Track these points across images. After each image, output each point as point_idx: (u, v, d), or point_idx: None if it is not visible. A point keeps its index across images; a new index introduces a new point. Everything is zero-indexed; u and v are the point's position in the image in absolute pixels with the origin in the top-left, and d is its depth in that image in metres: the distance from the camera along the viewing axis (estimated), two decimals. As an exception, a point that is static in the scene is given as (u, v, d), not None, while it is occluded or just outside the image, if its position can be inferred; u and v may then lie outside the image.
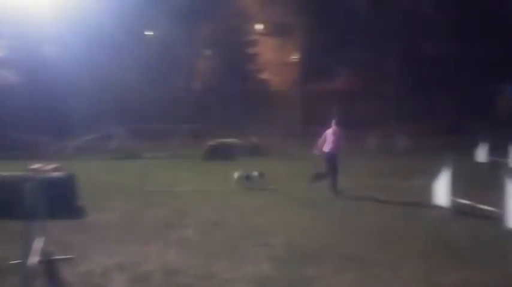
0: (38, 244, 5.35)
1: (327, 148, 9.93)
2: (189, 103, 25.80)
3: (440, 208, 8.08)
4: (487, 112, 23.44)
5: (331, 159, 9.86)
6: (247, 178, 10.50)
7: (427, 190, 8.70)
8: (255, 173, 10.54)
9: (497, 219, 6.96)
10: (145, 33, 29.33)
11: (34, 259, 5.07)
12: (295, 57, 30.98)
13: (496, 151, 13.38)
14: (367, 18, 25.76)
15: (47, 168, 10.01)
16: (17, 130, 17.43)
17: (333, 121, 10.18)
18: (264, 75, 30.62)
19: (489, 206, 7.42)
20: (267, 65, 30.52)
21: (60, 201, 7.60)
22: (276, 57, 32.02)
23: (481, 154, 14.37)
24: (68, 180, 8.45)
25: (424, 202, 8.55)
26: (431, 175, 8.63)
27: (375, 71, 29.47)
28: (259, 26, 32.86)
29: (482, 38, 24.93)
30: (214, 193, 10.01)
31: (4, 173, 8.30)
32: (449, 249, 6.14)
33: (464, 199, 8.02)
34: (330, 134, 10.00)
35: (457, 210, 7.91)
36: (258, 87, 29.25)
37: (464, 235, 6.77)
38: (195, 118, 22.36)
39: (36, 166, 10.23)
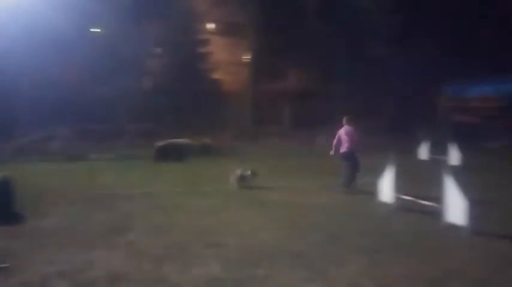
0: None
1: (343, 148, 9.83)
2: (139, 103, 25.17)
3: (385, 204, 8.38)
4: (429, 111, 24.62)
5: (350, 158, 9.73)
6: (242, 177, 10.36)
7: (373, 188, 9.00)
8: (248, 173, 10.38)
9: (437, 214, 7.31)
10: (93, 30, 28.30)
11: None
12: (246, 57, 31.06)
13: (437, 148, 14.07)
14: (315, 19, 26.32)
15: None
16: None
17: (344, 120, 10.05)
18: (216, 75, 30.45)
19: (430, 201, 7.78)
20: (219, 65, 30.37)
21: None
22: (227, 57, 31.95)
23: (423, 151, 15.07)
24: (4, 184, 7.97)
25: (370, 199, 8.84)
26: (377, 172, 8.92)
27: (324, 71, 30.19)
28: (210, 26, 32.66)
29: (425, 40, 26.21)
30: (164, 195, 9.81)
31: None
32: (393, 244, 6.37)
33: (407, 195, 8.37)
34: (343, 134, 9.88)
35: (400, 206, 8.24)
36: (210, 87, 29.04)
37: (407, 229, 7.07)
38: (145, 118, 21.85)
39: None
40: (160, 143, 15.93)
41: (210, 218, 7.86)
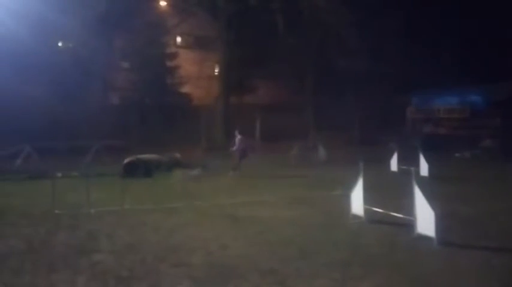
0: None
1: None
2: (106, 118, 24.63)
3: (357, 217, 8.38)
4: (398, 123, 25.14)
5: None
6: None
7: (344, 200, 9.00)
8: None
9: (408, 225, 7.35)
10: (58, 44, 27.69)
11: None
12: (216, 70, 31.05)
13: (407, 160, 14.29)
14: (285, 32, 26.63)
15: None
16: None
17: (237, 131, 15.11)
18: (185, 89, 30.27)
19: (401, 213, 7.82)
20: (188, 79, 30.22)
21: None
22: (197, 71, 31.88)
23: (393, 163, 15.28)
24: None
25: (341, 211, 8.82)
26: (348, 184, 8.94)
27: (294, 84, 30.56)
28: (178, 39, 32.57)
29: (393, 51, 26.96)
30: (131, 212, 9.51)
31: None
32: (364, 257, 6.35)
33: (377, 207, 8.40)
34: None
35: (371, 219, 8.25)
36: (179, 101, 28.81)
37: (378, 242, 7.07)
38: (113, 134, 21.35)
39: None
40: (128, 159, 15.52)
41: (177, 235, 7.64)
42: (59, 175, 14.19)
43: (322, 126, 25.66)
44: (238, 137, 15.42)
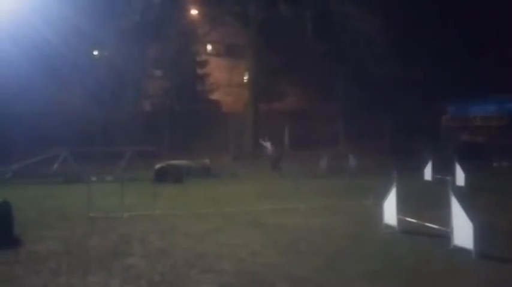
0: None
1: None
2: (138, 124, 25.18)
3: (389, 227, 8.21)
4: (432, 131, 24.55)
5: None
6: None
7: (376, 210, 8.84)
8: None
9: (443, 237, 7.14)
10: (94, 53, 28.56)
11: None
12: (245, 77, 31.26)
13: (442, 169, 13.91)
14: (315, 40, 26.55)
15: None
16: None
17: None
18: (215, 96, 30.60)
19: (436, 224, 7.60)
20: (218, 86, 30.56)
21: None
22: (226, 78, 32.21)
23: (427, 172, 14.89)
24: (3, 207, 7.83)
25: (373, 221, 8.66)
26: (380, 194, 8.78)
27: (323, 91, 30.34)
28: (209, 47, 33.02)
29: (426, 59, 26.39)
30: (162, 217, 9.65)
31: None
32: (398, 268, 6.21)
33: (411, 217, 8.20)
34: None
35: (405, 229, 8.06)
36: (209, 107, 29.15)
37: (411, 254, 6.89)
38: (145, 140, 21.80)
39: (-34, 192, 9.43)
40: (159, 165, 15.80)
41: (207, 241, 7.69)
42: (94, 179, 14.56)
43: (353, 134, 25.36)
44: (268, 143, 15.58)
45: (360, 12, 24.69)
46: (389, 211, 8.29)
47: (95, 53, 29.06)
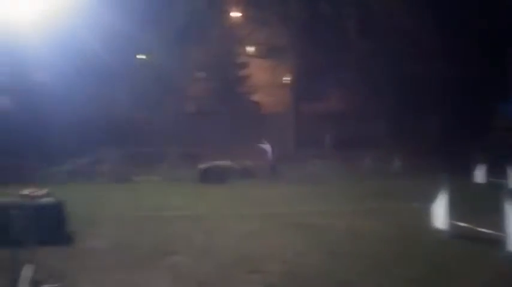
0: (26, 271, 5.13)
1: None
2: (182, 126, 25.69)
3: (438, 231, 7.93)
4: (482, 132, 23.50)
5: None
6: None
7: (424, 213, 8.56)
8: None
9: (498, 242, 6.81)
10: (138, 57, 29.43)
11: (23, 287, 4.86)
12: (287, 78, 31.17)
13: (495, 171, 13.29)
14: (357, 39, 26.10)
15: (37, 194, 9.74)
16: (9, 156, 17.15)
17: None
18: (256, 97, 30.72)
19: (489, 229, 7.27)
20: (259, 87, 30.64)
21: (50, 227, 7.38)
22: (268, 79, 32.21)
23: (479, 174, 14.25)
24: (57, 206, 8.22)
25: (421, 225, 8.39)
26: (428, 196, 8.51)
27: (367, 91, 29.73)
28: (250, 48, 33.17)
29: (474, 57, 25.28)
30: (207, 217, 9.80)
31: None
32: (449, 274, 5.98)
33: (463, 221, 7.88)
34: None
35: (456, 233, 7.74)
36: (250, 109, 29.29)
37: (463, 259, 6.62)
38: (189, 141, 22.22)
39: (26, 191, 9.96)
40: (204, 166, 16.10)
41: (252, 242, 7.73)
42: (140, 179, 15.07)
43: (397, 134, 24.70)
44: (268, 145, 15.69)
45: (405, 8, 24.03)
46: (439, 214, 8.00)
47: (140, 57, 29.94)
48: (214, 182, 15.11)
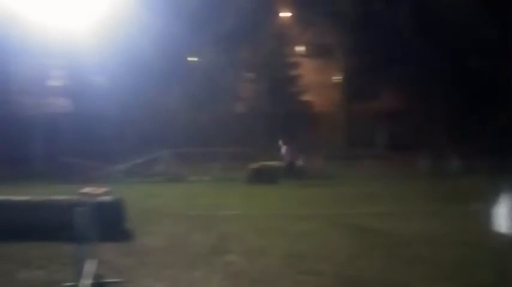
0: (90, 266, 5.39)
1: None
2: (233, 126, 26.03)
3: (502, 235, 7.51)
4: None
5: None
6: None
7: (485, 216, 8.14)
8: None
9: None
10: (189, 59, 30.14)
11: (87, 281, 5.12)
12: (337, 77, 30.72)
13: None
14: (413, 35, 25.23)
15: (96, 192, 10.24)
16: (69, 155, 18.17)
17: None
18: (306, 97, 30.50)
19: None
20: (309, 87, 30.41)
21: (109, 224, 7.70)
22: (318, 79, 31.88)
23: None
24: (116, 203, 8.59)
25: (483, 228, 7.98)
26: (489, 199, 8.08)
27: (422, 90, 28.67)
28: (300, 48, 32.98)
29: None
30: (258, 217, 9.85)
31: (57, 197, 8.56)
32: (514, 281, 5.65)
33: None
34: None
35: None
36: (300, 109, 29.13)
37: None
38: (239, 141, 22.47)
39: (86, 189, 10.50)
40: (254, 166, 16.21)
41: (305, 242, 7.68)
42: (193, 179, 15.42)
43: (455, 134, 23.64)
44: (284, 147, 15.36)
45: (463, 3, 22.96)
46: (502, 217, 7.58)
47: (192, 59, 30.64)
48: (264, 183, 15.18)
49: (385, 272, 6.03)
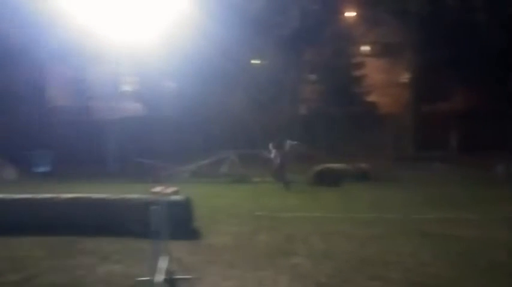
0: (162, 262, 5.69)
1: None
2: (295, 128, 26.04)
3: None
4: None
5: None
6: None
7: None
8: None
9: None
10: (252, 62, 30.57)
11: (160, 277, 5.41)
12: (405, 77, 29.67)
13: None
14: (486, 32, 23.75)
15: (167, 191, 10.68)
16: (141, 156, 19.21)
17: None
18: (372, 98, 29.75)
19: None
20: (375, 87, 29.63)
21: (179, 222, 8.02)
22: (384, 79, 30.98)
23: None
24: (185, 203, 8.94)
25: None
26: None
27: (496, 89, 26.90)
28: (365, 48, 32.24)
29: None
30: (323, 220, 9.80)
31: (132, 196, 9.09)
32: None
33: None
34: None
35: None
36: (366, 110, 28.47)
37: None
38: (302, 143, 22.43)
39: (157, 189, 10.97)
40: (318, 168, 16.11)
41: (371, 247, 7.55)
42: (257, 180, 15.62)
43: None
44: (273, 151, 14.79)
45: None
46: None
47: (255, 61, 31.05)
48: (328, 185, 15.04)
49: (457, 281, 5.79)
